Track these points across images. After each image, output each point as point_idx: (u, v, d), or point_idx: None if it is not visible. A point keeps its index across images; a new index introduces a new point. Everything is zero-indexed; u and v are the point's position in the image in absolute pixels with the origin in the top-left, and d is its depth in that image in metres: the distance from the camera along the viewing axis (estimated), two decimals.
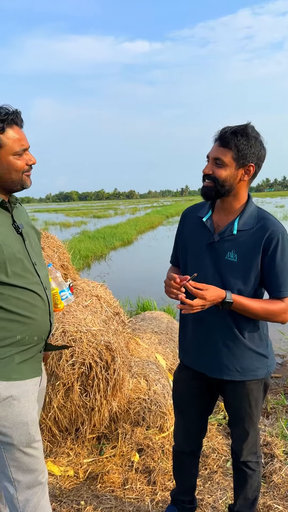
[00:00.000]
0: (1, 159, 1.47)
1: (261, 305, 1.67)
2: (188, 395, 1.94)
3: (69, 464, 2.70)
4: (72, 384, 2.65)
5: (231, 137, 1.62)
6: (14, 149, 1.47)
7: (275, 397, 3.74)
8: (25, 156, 1.52)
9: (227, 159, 1.64)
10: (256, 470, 1.92)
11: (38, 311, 1.57)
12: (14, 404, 1.52)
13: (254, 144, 1.63)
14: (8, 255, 1.48)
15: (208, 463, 2.72)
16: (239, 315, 1.72)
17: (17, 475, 1.55)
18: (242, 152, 1.62)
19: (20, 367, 1.54)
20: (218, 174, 1.66)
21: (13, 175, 1.50)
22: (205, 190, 1.72)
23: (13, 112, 1.47)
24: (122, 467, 2.63)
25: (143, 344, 3.68)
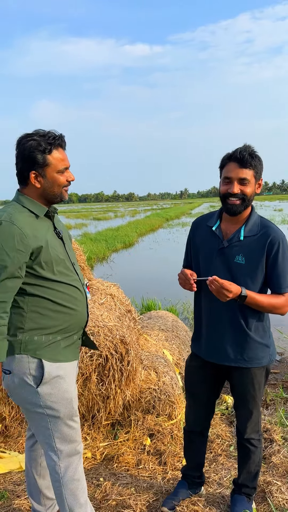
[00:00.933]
0: (47, 175, 1.74)
1: (267, 299, 1.97)
2: (198, 381, 2.21)
3: (87, 447, 2.96)
4: (90, 374, 2.92)
5: (250, 159, 1.91)
6: (58, 168, 1.74)
7: (274, 390, 4.01)
8: (66, 174, 1.79)
9: (250, 177, 1.94)
10: (258, 447, 2.19)
11: (79, 303, 1.85)
12: (61, 382, 1.78)
13: (261, 162, 1.94)
14: (54, 256, 1.74)
15: (213, 447, 2.98)
16: (248, 311, 2.01)
17: (60, 445, 1.81)
18: (257, 169, 1.94)
19: (65, 351, 1.81)
20: (246, 191, 1.95)
21: (55, 189, 1.78)
22: (235, 208, 1.97)
23: (59, 137, 1.75)
24: (135, 450, 2.90)
25: (151, 340, 3.95)
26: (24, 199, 1.77)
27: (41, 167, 1.72)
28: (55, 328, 1.77)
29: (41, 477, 2.07)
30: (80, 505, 1.88)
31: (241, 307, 2.01)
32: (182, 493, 2.35)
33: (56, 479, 1.85)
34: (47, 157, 1.71)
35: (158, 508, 2.33)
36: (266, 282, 2.04)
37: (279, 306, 1.99)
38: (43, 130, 1.76)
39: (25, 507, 2.36)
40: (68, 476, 1.84)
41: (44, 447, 1.84)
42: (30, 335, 1.73)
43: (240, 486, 2.27)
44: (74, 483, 1.85)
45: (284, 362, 4.87)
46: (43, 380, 1.74)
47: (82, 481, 1.90)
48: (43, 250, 1.70)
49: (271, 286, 2.03)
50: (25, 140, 1.71)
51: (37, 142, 1.70)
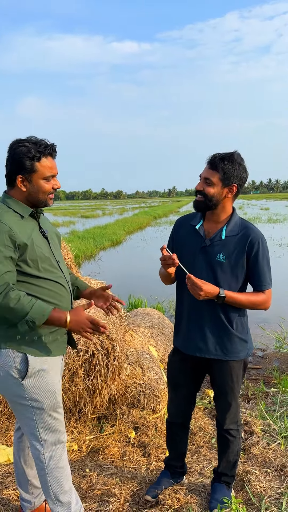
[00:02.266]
0: (33, 181, 1.83)
1: (247, 297, 2.09)
2: (180, 374, 2.32)
3: (73, 440, 3.05)
4: (76, 369, 3.01)
5: (219, 162, 2.02)
6: (45, 175, 1.83)
7: (256, 385, 4.15)
8: (53, 181, 1.88)
9: (215, 179, 2.03)
10: (236, 437, 2.31)
11: (64, 299, 1.93)
12: (44, 376, 1.86)
13: (238, 169, 2.03)
14: (39, 254, 1.83)
15: (196, 439, 3.09)
16: (228, 308, 2.12)
17: (44, 435, 1.90)
18: (227, 174, 2.02)
19: (50, 346, 1.89)
20: (207, 191, 2.06)
21: (40, 196, 1.87)
22: (197, 203, 2.12)
23: (50, 146, 1.83)
24: (120, 442, 3.00)
25: (137, 336, 4.04)
26: (9, 201, 1.86)
27: (28, 172, 1.80)
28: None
29: (28, 467, 2.16)
30: (65, 491, 1.97)
31: (223, 303, 2.11)
32: (165, 482, 2.46)
33: (41, 468, 1.94)
34: (35, 164, 1.80)
35: (142, 497, 2.43)
36: (248, 279, 2.16)
37: (260, 303, 2.12)
38: (35, 137, 1.84)
39: (13, 497, 2.44)
40: (53, 464, 1.93)
41: (29, 437, 1.92)
42: (14, 330, 1.80)
43: (219, 474, 2.38)
44: (58, 471, 1.94)
45: (265, 358, 5.01)
46: (28, 373, 1.82)
47: (66, 469, 1.99)
48: (28, 248, 1.79)
49: (252, 283, 2.15)
50: (16, 145, 1.80)
51: (27, 149, 1.78)
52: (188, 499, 2.37)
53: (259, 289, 2.13)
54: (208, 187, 2.05)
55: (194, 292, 2.00)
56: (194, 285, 1.98)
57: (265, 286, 2.13)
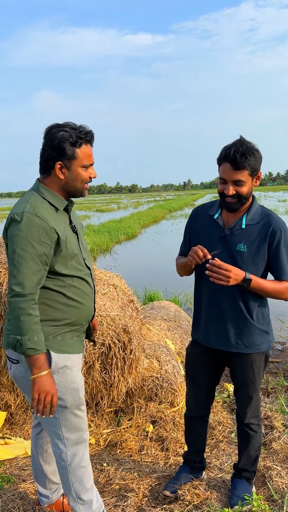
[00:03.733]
0: (72, 168, 1.76)
1: (272, 284, 2.02)
2: (199, 367, 2.26)
3: (91, 434, 3.02)
4: (93, 362, 2.98)
5: (244, 160, 1.91)
6: (84, 162, 1.76)
7: (275, 379, 4.06)
8: (90, 170, 1.81)
9: (245, 177, 1.95)
10: (257, 432, 2.24)
11: (88, 298, 1.88)
12: (68, 373, 1.82)
13: (257, 155, 1.95)
14: (70, 251, 1.77)
15: (215, 434, 3.04)
16: (249, 298, 2.05)
17: (67, 434, 1.85)
18: (253, 167, 1.95)
19: (72, 343, 1.84)
20: (241, 191, 1.97)
21: (78, 184, 1.80)
22: (232, 205, 2.02)
23: (90, 133, 1.76)
24: (138, 436, 2.96)
25: (154, 329, 3.99)
26: (44, 191, 1.78)
27: (68, 159, 1.73)
28: (64, 321, 1.81)
29: (46, 463, 2.13)
30: (86, 490, 1.94)
31: (242, 293, 2.04)
32: (184, 477, 2.41)
33: (63, 466, 1.90)
34: (76, 150, 1.73)
35: (160, 492, 2.39)
36: (269, 269, 2.09)
37: (284, 291, 2.04)
38: (73, 123, 1.77)
39: (31, 490, 2.43)
40: (75, 463, 1.89)
41: (51, 435, 1.88)
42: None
43: (240, 470, 2.32)
44: (80, 470, 1.90)
45: (285, 352, 4.92)
46: (51, 370, 1.77)
47: (88, 468, 1.95)
48: (61, 244, 1.73)
49: (273, 273, 2.08)
50: (56, 130, 1.72)
51: (68, 134, 1.72)
52: (208, 495, 2.32)
53: (282, 279, 2.05)
54: (241, 188, 1.97)
55: (222, 277, 1.92)
56: (223, 269, 1.91)
57: (286, 275, 2.05)
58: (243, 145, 1.93)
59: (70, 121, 1.77)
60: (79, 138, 1.72)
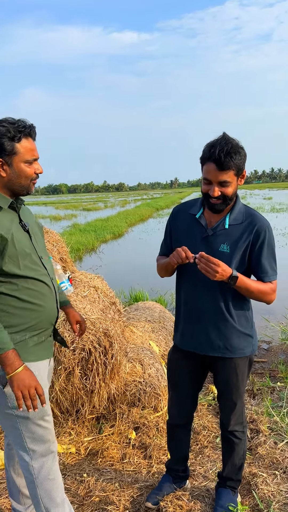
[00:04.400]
0: (14, 165, 1.65)
1: (256, 285, 1.93)
2: (181, 373, 2.16)
3: (71, 442, 2.91)
4: (73, 368, 2.86)
5: (230, 160, 1.80)
6: (26, 157, 1.66)
7: (261, 379, 4.00)
8: (35, 165, 1.70)
9: (230, 178, 1.85)
10: (242, 439, 2.16)
11: (47, 299, 1.76)
12: None
13: (242, 154, 1.85)
14: (19, 250, 1.66)
15: (199, 439, 2.95)
16: (231, 300, 1.96)
17: (32, 445, 1.75)
18: (239, 166, 1.85)
19: (34, 349, 1.74)
20: (227, 192, 1.87)
21: (22, 181, 1.69)
22: (217, 207, 1.92)
23: (30, 126, 1.66)
24: (120, 444, 2.86)
25: (138, 332, 3.89)
26: None
27: (8, 155, 1.63)
28: (22, 326, 1.70)
29: (18, 476, 2.01)
30: (57, 504, 1.83)
31: (224, 294, 1.95)
32: (167, 487, 2.32)
33: (30, 480, 1.79)
34: (16, 145, 1.63)
35: (142, 503, 2.29)
36: (251, 271, 2.00)
37: (267, 293, 1.95)
38: (12, 118, 1.67)
39: (6, 506, 2.31)
40: (42, 476, 1.78)
41: (16, 447, 1.77)
42: None
43: (224, 479, 2.24)
44: (49, 483, 1.79)
45: (271, 351, 4.86)
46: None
47: (58, 480, 1.84)
48: (8, 243, 1.62)
49: (258, 274, 1.98)
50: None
51: (6, 129, 1.61)
52: (191, 505, 2.23)
53: (265, 280, 1.96)
54: (227, 189, 1.87)
55: (209, 271, 1.82)
56: (210, 262, 1.81)
57: (271, 277, 1.97)
58: (228, 143, 1.82)
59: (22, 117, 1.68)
60: (17, 132, 1.63)
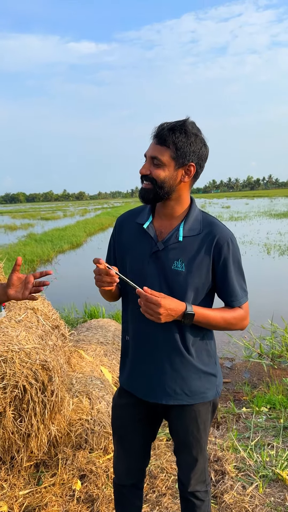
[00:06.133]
0: None
1: (221, 314, 1.55)
2: (129, 423, 1.73)
3: (3, 498, 2.41)
4: (4, 409, 2.38)
5: (169, 134, 1.45)
6: None
7: (225, 404, 3.64)
8: None
9: (165, 158, 1.47)
10: (205, 500, 1.75)
11: None
12: None
13: (194, 142, 1.47)
14: None
15: (157, 484, 2.53)
16: (187, 331, 1.56)
17: None
18: (181, 150, 1.46)
19: None
20: (156, 174, 1.49)
21: None
22: (144, 192, 1.55)
23: None
24: (62, 497, 2.39)
25: (87, 357, 3.44)
26: None
27: None
28: None
29: None
30: None
31: (181, 327, 1.56)
32: None
33: None
34: None
35: None
36: (217, 293, 1.62)
37: (237, 322, 1.58)
38: None
39: None
40: None
41: None
42: None
43: None
44: None
45: (234, 370, 4.53)
46: None
47: None
48: None
49: (224, 298, 1.60)
50: None
51: None
52: None
53: (233, 305, 1.59)
54: (157, 170, 1.49)
55: (151, 312, 1.43)
56: (150, 301, 1.42)
57: (242, 300, 1.59)
58: (180, 122, 1.48)
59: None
60: None
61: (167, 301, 1.43)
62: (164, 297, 1.44)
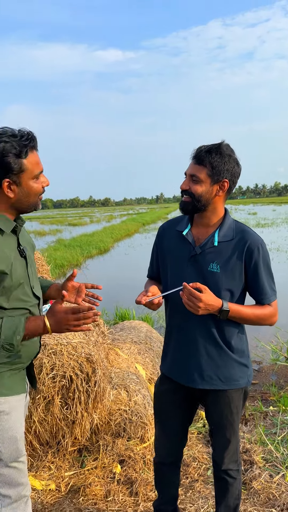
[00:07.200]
0: (22, 183, 1.48)
1: (252, 311, 1.77)
2: (170, 407, 1.97)
3: (51, 477, 2.68)
4: (52, 397, 2.65)
5: (206, 155, 1.70)
6: (34, 172, 1.49)
7: (253, 403, 3.82)
8: (41, 178, 1.54)
9: (202, 175, 1.72)
10: (237, 478, 1.97)
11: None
12: (4, 419, 1.52)
13: (228, 161, 1.71)
14: (14, 281, 1.49)
15: (189, 472, 2.75)
16: (225, 326, 1.79)
17: (3, 490, 1.54)
18: (216, 169, 1.70)
19: (10, 382, 1.55)
20: (194, 189, 1.74)
21: (31, 199, 1.53)
22: (183, 205, 1.80)
23: (33, 137, 1.48)
24: (104, 479, 2.63)
25: (123, 354, 3.69)
26: None
27: (16, 174, 1.46)
28: (1, 360, 1.51)
29: None
30: None
31: (217, 321, 1.79)
32: None
33: None
34: (23, 162, 1.46)
35: None
36: (248, 292, 1.85)
37: (267, 317, 1.81)
38: (10, 128, 1.48)
39: None
40: None
41: None
42: None
43: None
44: None
45: (262, 372, 4.69)
46: None
47: None
48: (6, 277, 1.46)
49: (254, 296, 1.83)
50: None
51: (10, 145, 1.43)
52: None
53: (264, 302, 1.81)
54: (196, 185, 1.74)
55: (192, 305, 1.66)
56: (192, 295, 1.65)
57: (270, 298, 1.81)
58: (215, 144, 1.73)
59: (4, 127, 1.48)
60: (23, 146, 1.45)
61: (207, 296, 1.66)
62: (206, 292, 1.67)
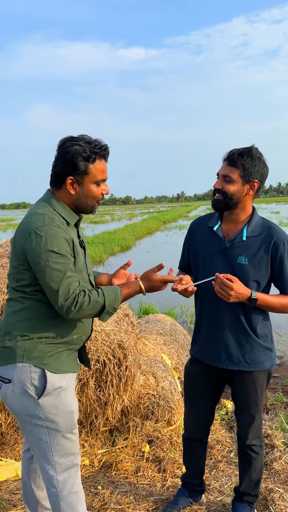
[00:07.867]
0: (84, 184, 1.70)
1: (278, 300, 1.96)
2: (198, 386, 2.17)
3: (85, 454, 2.90)
4: (87, 380, 2.87)
5: (238, 158, 1.89)
6: (97, 178, 1.70)
7: (274, 394, 3.97)
8: (103, 186, 1.75)
9: (235, 176, 1.90)
10: (259, 453, 2.14)
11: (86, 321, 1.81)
12: (62, 394, 1.72)
13: (258, 164, 1.89)
14: (77, 267, 1.70)
15: (213, 453, 2.93)
16: (251, 313, 1.98)
17: (58, 458, 1.75)
18: (248, 170, 1.89)
19: (67, 361, 1.76)
20: (227, 189, 1.92)
21: (89, 201, 1.74)
22: (216, 202, 1.99)
23: (105, 148, 1.69)
24: (134, 457, 2.84)
25: (150, 344, 3.90)
26: (56, 203, 1.72)
27: (80, 174, 1.68)
28: (61, 339, 1.73)
29: (39, 489, 2.01)
30: None
31: (244, 307, 1.98)
32: (182, 501, 2.30)
33: (53, 493, 1.79)
34: (89, 165, 1.67)
35: None
36: (273, 283, 2.03)
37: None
38: (89, 136, 1.71)
39: None
40: (67, 490, 1.78)
41: (41, 460, 1.77)
42: (34, 343, 1.68)
43: (241, 494, 2.22)
44: (72, 496, 1.79)
45: (283, 366, 4.83)
46: (46, 391, 1.68)
47: (80, 493, 1.84)
48: (75, 260, 1.68)
49: (279, 286, 2.02)
50: (70, 143, 1.66)
51: (82, 148, 1.65)
52: None
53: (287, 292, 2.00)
54: (228, 185, 1.92)
55: (223, 293, 1.85)
56: (224, 284, 1.83)
57: None
58: (247, 148, 1.92)
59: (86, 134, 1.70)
60: (93, 153, 1.67)
61: (238, 286, 1.84)
62: (236, 282, 1.85)
